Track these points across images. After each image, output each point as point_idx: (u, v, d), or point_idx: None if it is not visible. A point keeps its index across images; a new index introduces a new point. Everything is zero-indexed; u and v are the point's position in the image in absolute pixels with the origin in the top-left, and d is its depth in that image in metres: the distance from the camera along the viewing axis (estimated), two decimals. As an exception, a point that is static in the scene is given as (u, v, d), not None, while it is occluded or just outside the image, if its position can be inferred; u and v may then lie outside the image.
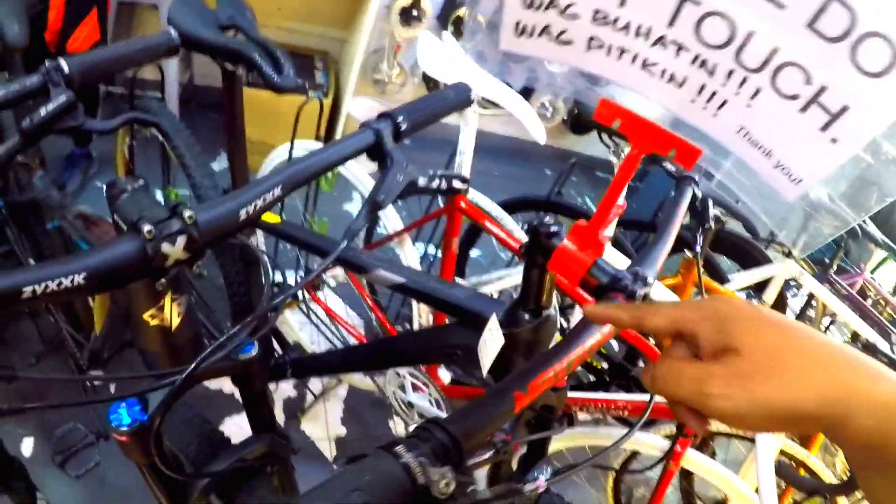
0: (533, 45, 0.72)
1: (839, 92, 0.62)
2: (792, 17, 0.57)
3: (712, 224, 1.39)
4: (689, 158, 0.68)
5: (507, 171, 3.65)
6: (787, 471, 1.71)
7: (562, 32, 0.69)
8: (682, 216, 0.96)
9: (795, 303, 2.98)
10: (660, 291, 1.46)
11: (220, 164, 3.00)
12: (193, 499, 0.89)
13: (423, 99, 1.01)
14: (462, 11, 3.36)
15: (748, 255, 2.42)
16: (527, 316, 0.93)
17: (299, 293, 1.94)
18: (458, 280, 2.15)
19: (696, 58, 0.64)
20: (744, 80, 0.65)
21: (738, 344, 0.47)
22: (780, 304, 2.49)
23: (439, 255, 1.86)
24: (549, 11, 0.68)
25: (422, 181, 1.54)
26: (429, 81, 3.53)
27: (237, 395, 0.93)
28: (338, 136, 3.24)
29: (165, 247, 0.61)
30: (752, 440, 1.54)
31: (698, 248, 1.06)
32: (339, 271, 2.12)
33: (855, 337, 2.48)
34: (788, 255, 2.23)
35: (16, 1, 1.51)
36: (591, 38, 0.71)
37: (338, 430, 2.16)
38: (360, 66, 3.03)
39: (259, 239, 2.02)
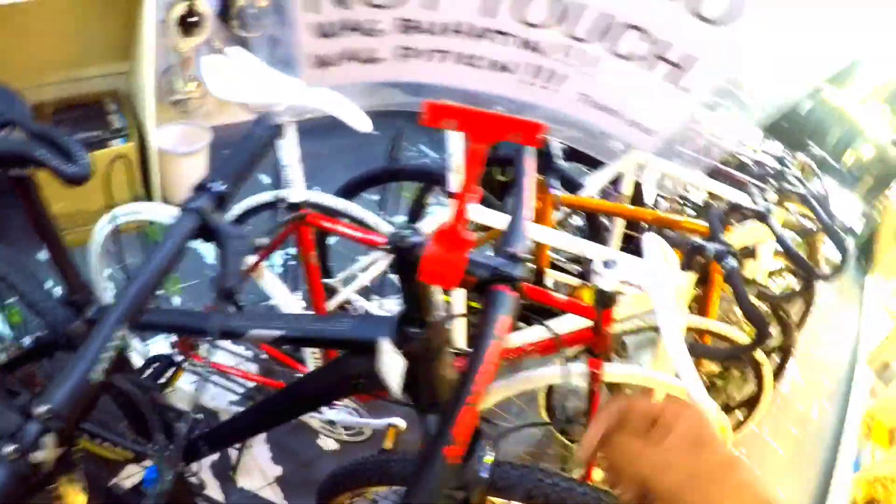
0: (339, 74, 0.70)
1: (684, 44, 0.63)
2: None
3: (562, 163, 1.43)
4: (532, 136, 0.67)
5: (335, 144, 3.59)
6: (698, 347, 1.81)
7: (368, 52, 0.67)
8: (534, 180, 0.98)
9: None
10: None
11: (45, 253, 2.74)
12: None
13: (232, 152, 0.97)
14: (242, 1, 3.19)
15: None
16: (415, 329, 0.91)
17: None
18: (328, 281, 2.11)
19: (525, 42, 0.63)
20: (583, 53, 0.66)
21: (669, 441, 0.58)
22: (636, 189, 2.63)
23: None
24: (350, 35, 0.65)
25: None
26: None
27: None
28: (155, 176, 2.99)
29: (36, 456, 0.53)
30: (656, 329, 1.64)
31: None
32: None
33: (714, 196, 2.64)
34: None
35: None
36: (405, 49, 0.69)
37: (274, 471, 2.09)
38: (153, 92, 2.75)
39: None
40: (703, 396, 1.18)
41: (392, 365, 0.92)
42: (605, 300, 1.29)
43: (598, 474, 1.81)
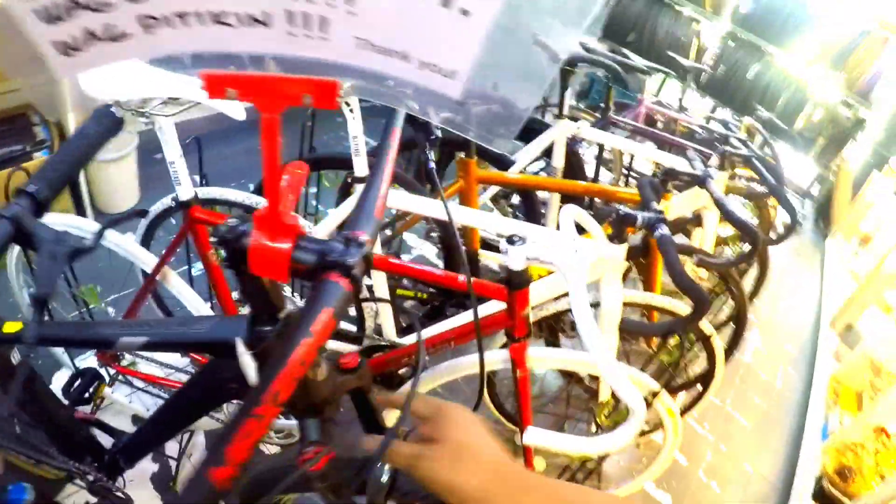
0: (91, 58, 0.56)
1: None
2: None
3: (438, 133, 1.32)
4: (327, 96, 0.56)
5: (245, 145, 3.45)
6: (631, 323, 1.69)
7: (108, 29, 0.54)
8: (395, 148, 0.86)
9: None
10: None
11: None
12: None
13: (61, 149, 0.91)
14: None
15: (529, 131, 2.42)
16: (267, 327, 0.82)
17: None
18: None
19: None
20: None
21: (441, 437, 0.69)
22: (574, 162, 2.53)
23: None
24: (81, 13, 0.52)
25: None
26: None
27: None
28: (82, 186, 2.85)
29: None
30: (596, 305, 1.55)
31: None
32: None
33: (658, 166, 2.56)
34: (559, 116, 2.24)
35: None
36: (146, 18, 0.56)
37: None
38: (70, 100, 2.64)
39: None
40: (618, 376, 1.07)
41: (250, 367, 0.82)
42: (517, 280, 1.17)
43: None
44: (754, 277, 2.83)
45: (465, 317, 1.54)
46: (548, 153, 2.32)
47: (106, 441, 1.42)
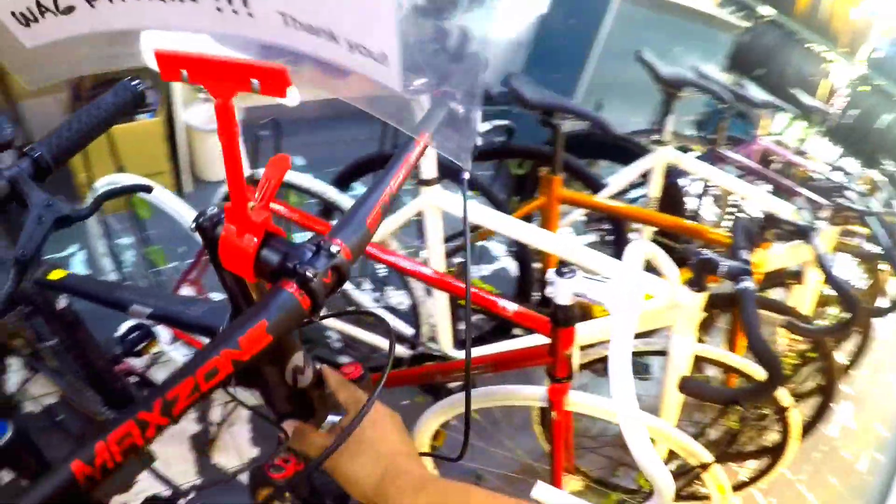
0: (49, 28, 0.54)
1: None
2: None
3: (478, 140, 1.24)
4: (277, 83, 0.50)
5: (342, 135, 3.45)
6: (691, 383, 1.53)
7: (56, 1, 0.51)
8: (414, 154, 0.78)
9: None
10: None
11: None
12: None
13: (73, 118, 0.91)
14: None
15: (628, 153, 2.29)
16: None
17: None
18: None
19: None
20: None
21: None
22: (673, 193, 2.38)
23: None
24: None
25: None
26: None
27: None
28: (182, 153, 3.01)
29: None
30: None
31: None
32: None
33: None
34: (658, 142, 2.10)
35: None
36: None
37: (249, 452, 2.04)
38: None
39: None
40: (640, 442, 0.96)
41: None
42: (562, 316, 1.07)
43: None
44: (855, 345, 2.57)
45: (504, 344, 1.45)
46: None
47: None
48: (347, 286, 2.14)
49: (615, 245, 2.38)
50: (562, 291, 1.03)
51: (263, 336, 0.49)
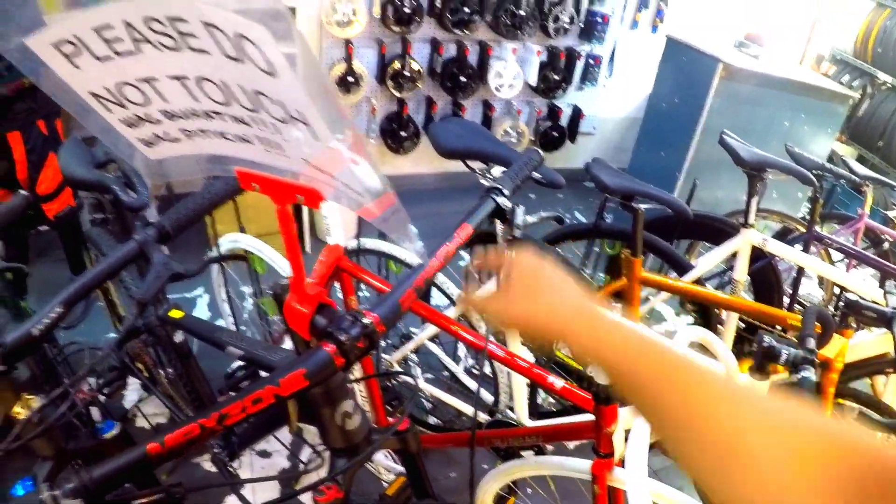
0: (164, 149, 0.77)
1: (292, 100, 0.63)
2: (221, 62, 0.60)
3: (517, 233, 1.37)
4: (313, 199, 0.71)
5: (435, 208, 3.64)
6: None
7: (164, 133, 0.73)
8: (455, 243, 0.94)
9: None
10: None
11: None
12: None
13: (190, 198, 1.18)
14: (396, 65, 3.49)
15: (716, 231, 2.31)
16: None
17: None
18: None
19: (234, 118, 0.67)
20: (262, 122, 0.68)
21: (511, 281, 0.72)
22: (767, 277, 2.35)
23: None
24: (145, 125, 0.73)
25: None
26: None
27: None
28: (303, 214, 3.35)
29: None
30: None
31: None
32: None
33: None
34: (744, 224, 2.12)
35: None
36: (182, 130, 0.75)
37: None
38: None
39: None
40: None
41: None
42: (603, 394, 1.15)
43: None
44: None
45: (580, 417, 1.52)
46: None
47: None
48: (444, 357, 2.32)
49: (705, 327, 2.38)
50: (598, 371, 1.12)
51: (300, 381, 0.66)
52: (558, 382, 1.23)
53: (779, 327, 1.98)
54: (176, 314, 1.43)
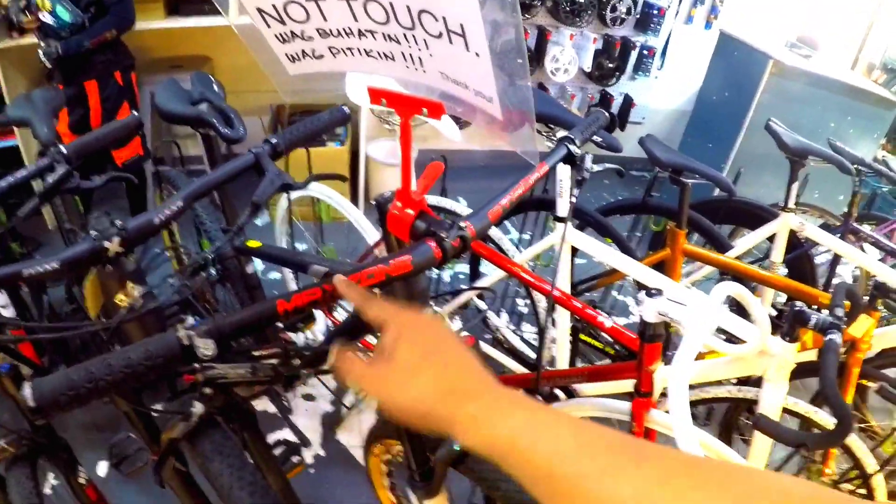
0: (306, 65, 0.90)
1: (454, 16, 0.76)
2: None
3: (586, 175, 1.48)
4: (435, 112, 0.82)
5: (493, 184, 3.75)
6: (766, 422, 1.62)
7: (312, 51, 0.86)
8: (534, 176, 1.05)
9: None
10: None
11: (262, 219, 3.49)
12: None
13: (301, 122, 1.31)
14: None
15: (757, 218, 2.40)
16: None
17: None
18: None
19: (386, 36, 0.79)
20: (414, 38, 0.80)
21: (395, 356, 0.59)
22: (803, 265, 2.45)
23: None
24: (297, 41, 0.86)
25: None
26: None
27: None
28: (360, 176, 3.57)
29: (106, 243, 0.95)
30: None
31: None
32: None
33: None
34: (784, 208, 2.21)
35: (44, 108, 1.79)
36: (331, 48, 0.88)
37: None
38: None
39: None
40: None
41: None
42: (649, 332, 1.27)
43: None
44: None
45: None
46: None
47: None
48: (491, 315, 2.46)
49: (737, 304, 2.47)
50: (649, 310, 1.24)
51: (407, 265, 0.77)
52: (608, 321, 1.36)
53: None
54: (253, 244, 1.54)
